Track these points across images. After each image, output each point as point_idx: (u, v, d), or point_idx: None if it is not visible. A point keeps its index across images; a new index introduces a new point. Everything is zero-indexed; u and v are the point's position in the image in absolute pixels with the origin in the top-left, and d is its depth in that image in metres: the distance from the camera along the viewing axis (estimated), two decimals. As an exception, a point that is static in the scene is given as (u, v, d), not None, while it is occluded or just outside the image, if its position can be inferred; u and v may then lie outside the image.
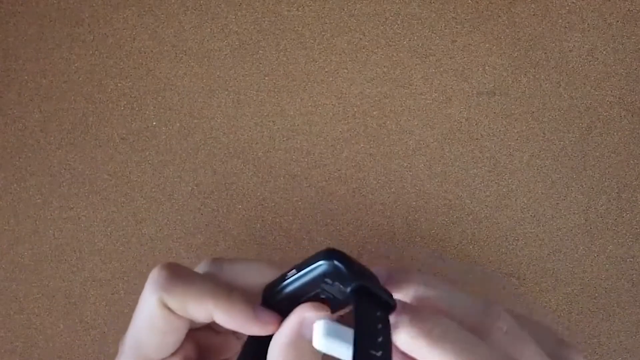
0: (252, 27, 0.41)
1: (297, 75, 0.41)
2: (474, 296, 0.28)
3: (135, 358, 0.28)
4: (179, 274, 0.27)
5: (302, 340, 0.26)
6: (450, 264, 0.39)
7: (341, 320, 0.26)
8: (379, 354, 0.24)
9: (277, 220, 0.39)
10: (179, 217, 0.39)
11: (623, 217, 0.40)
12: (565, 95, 0.41)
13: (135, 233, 0.39)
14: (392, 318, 0.25)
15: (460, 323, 0.26)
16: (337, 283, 0.26)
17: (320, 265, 0.25)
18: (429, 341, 0.25)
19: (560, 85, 0.41)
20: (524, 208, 0.40)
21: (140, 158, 0.40)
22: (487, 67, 0.41)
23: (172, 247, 0.39)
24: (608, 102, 0.41)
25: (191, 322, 0.28)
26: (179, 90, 0.41)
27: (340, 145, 0.40)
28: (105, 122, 0.40)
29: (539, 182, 0.40)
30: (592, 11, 0.42)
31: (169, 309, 0.27)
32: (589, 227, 0.40)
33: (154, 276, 0.27)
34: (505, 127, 0.41)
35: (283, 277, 0.27)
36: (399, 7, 0.42)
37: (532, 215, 0.40)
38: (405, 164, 0.40)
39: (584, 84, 0.41)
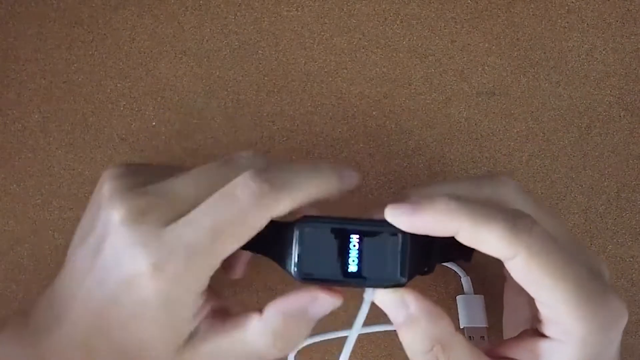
0: (251, 27, 0.41)
1: (297, 75, 0.41)
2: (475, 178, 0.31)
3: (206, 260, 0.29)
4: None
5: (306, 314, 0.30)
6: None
7: None
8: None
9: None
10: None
11: (622, 217, 0.40)
12: (564, 95, 0.41)
13: (135, 233, 0.39)
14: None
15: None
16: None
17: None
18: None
19: (559, 85, 0.41)
20: (524, 208, 0.40)
21: (140, 158, 0.40)
22: (486, 67, 0.41)
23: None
24: (607, 102, 0.41)
25: None
26: (178, 90, 0.41)
27: (340, 145, 0.40)
28: (105, 123, 0.40)
29: (538, 181, 0.40)
30: (591, 11, 0.42)
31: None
32: (588, 227, 0.40)
33: (252, 189, 0.28)
34: (504, 127, 0.41)
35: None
36: (398, 7, 0.42)
37: (532, 215, 0.40)
38: (405, 164, 0.40)
39: (583, 83, 0.41)
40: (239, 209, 0.28)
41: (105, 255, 0.29)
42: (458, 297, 0.38)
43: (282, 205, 0.28)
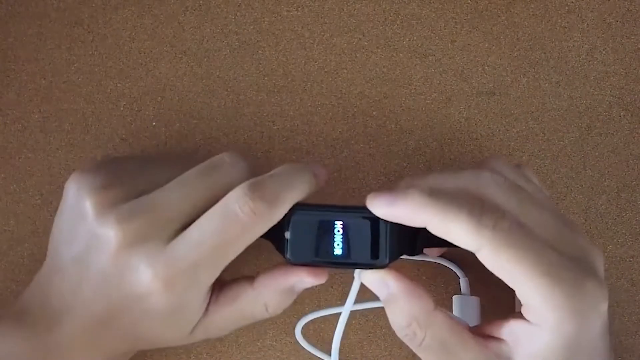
0: (251, 27, 0.41)
1: (297, 75, 0.41)
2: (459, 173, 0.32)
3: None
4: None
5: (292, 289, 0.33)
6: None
7: None
8: None
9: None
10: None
11: (623, 217, 0.40)
12: (564, 95, 0.41)
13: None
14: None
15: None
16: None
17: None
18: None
19: (559, 85, 0.41)
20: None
21: (140, 158, 0.40)
22: (486, 67, 0.41)
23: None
24: (607, 102, 0.41)
25: None
26: (178, 90, 0.41)
27: (340, 145, 0.40)
28: (105, 123, 0.40)
29: (538, 182, 0.40)
30: (591, 11, 0.42)
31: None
32: (588, 227, 0.40)
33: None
34: (504, 127, 0.41)
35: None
36: (398, 7, 0.42)
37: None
38: (405, 164, 0.40)
39: (584, 83, 0.41)
40: (241, 227, 0.30)
41: (104, 270, 0.31)
42: (454, 297, 0.38)
43: (277, 216, 0.31)
